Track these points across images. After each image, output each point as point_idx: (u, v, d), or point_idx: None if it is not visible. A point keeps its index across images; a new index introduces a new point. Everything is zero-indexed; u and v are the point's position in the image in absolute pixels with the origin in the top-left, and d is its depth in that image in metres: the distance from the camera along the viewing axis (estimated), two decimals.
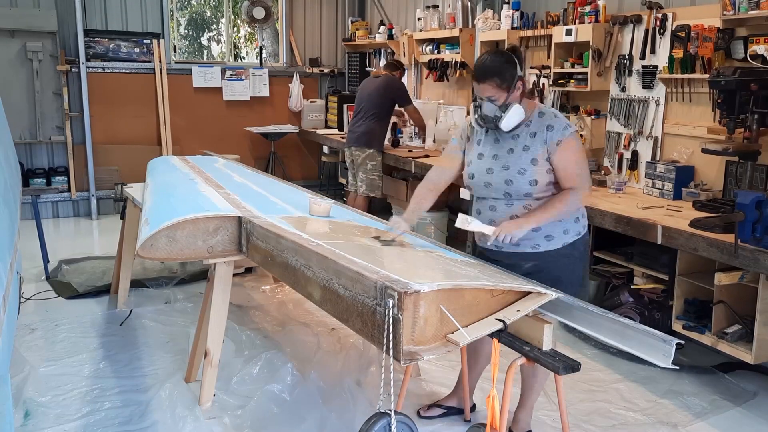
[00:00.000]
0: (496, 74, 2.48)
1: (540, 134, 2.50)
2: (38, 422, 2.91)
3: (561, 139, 2.48)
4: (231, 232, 2.87)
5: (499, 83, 2.48)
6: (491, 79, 2.48)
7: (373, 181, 5.72)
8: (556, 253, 2.56)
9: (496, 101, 2.49)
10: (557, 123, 2.51)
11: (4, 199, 2.75)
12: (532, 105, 2.58)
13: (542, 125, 2.51)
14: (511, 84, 2.48)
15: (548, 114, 2.55)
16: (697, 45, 3.65)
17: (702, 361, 3.57)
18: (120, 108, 7.05)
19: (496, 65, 2.50)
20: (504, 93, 2.48)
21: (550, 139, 2.49)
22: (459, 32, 5.64)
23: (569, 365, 2.01)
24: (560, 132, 2.49)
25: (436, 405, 3.06)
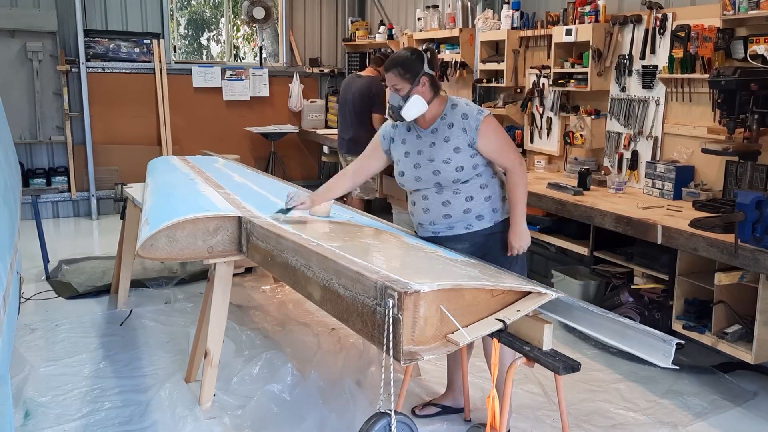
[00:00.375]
0: (399, 65, 2.67)
1: (457, 124, 2.67)
2: (38, 422, 2.91)
3: (477, 123, 2.64)
4: (231, 232, 2.87)
5: (401, 73, 2.65)
6: (394, 69, 2.67)
7: (367, 184, 5.70)
8: (489, 231, 2.74)
9: (400, 92, 2.66)
10: (470, 110, 2.68)
11: (4, 199, 2.75)
12: (444, 99, 2.74)
13: (457, 115, 2.68)
14: (415, 77, 2.65)
15: (460, 104, 2.72)
16: (697, 45, 3.65)
17: (702, 361, 3.57)
18: (120, 108, 7.05)
19: (402, 58, 2.70)
20: (407, 84, 2.65)
21: (468, 126, 2.65)
22: (459, 32, 5.64)
23: (569, 365, 2.01)
24: (475, 117, 2.65)
25: (432, 404, 3.07)
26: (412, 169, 2.75)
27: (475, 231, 2.72)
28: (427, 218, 2.77)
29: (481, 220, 2.72)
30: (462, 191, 2.69)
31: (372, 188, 5.75)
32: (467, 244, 2.73)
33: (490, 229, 2.73)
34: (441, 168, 2.66)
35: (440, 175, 2.67)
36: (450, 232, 2.74)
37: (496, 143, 2.68)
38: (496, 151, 2.68)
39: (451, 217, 2.71)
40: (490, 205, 2.73)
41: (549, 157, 4.96)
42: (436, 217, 2.74)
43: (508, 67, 5.12)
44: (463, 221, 2.71)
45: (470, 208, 2.70)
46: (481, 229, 2.73)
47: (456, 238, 2.74)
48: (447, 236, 2.75)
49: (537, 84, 4.89)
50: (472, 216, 2.71)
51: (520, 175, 2.70)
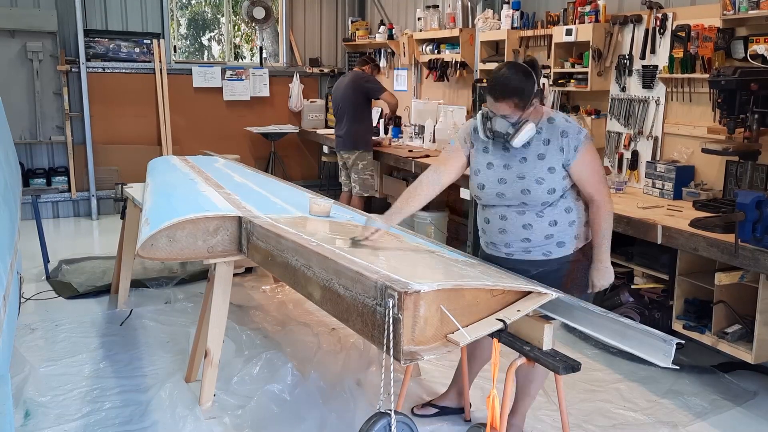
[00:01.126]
0: (516, 94, 2.37)
1: (555, 141, 2.43)
2: (38, 422, 2.91)
3: (578, 144, 2.42)
4: (231, 232, 2.87)
5: (517, 103, 2.38)
6: (510, 99, 2.38)
7: (365, 181, 5.73)
8: (566, 260, 2.53)
9: (508, 118, 2.41)
10: (571, 128, 2.44)
11: (4, 199, 2.75)
12: (540, 111, 2.49)
13: (555, 131, 2.43)
14: (528, 102, 2.39)
15: (559, 120, 2.47)
16: (698, 45, 3.65)
17: (702, 361, 3.57)
18: (120, 108, 7.06)
19: (517, 84, 2.38)
20: (519, 112, 2.40)
21: (566, 145, 2.42)
22: (459, 32, 5.64)
23: (569, 365, 2.01)
24: (575, 137, 2.42)
25: (431, 404, 3.06)
26: (495, 184, 2.50)
27: (555, 258, 2.52)
28: (503, 239, 2.55)
29: (561, 247, 2.51)
30: (546, 215, 2.47)
31: (371, 185, 5.76)
32: (542, 271, 2.52)
33: (569, 256, 2.53)
34: (532, 188, 2.43)
35: (529, 195, 2.44)
36: (526, 257, 2.53)
37: (591, 169, 2.46)
38: (588, 177, 2.46)
39: (530, 241, 2.50)
40: (572, 231, 2.51)
41: None
42: (514, 239, 2.52)
43: None
44: (543, 247, 2.50)
45: (552, 234, 2.48)
46: (561, 257, 2.52)
47: (532, 263, 2.53)
48: (522, 260, 2.54)
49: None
50: (553, 242, 2.50)
51: (609, 210, 2.49)
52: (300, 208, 3.15)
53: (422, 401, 3.12)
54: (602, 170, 2.53)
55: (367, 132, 5.75)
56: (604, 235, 2.49)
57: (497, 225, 2.55)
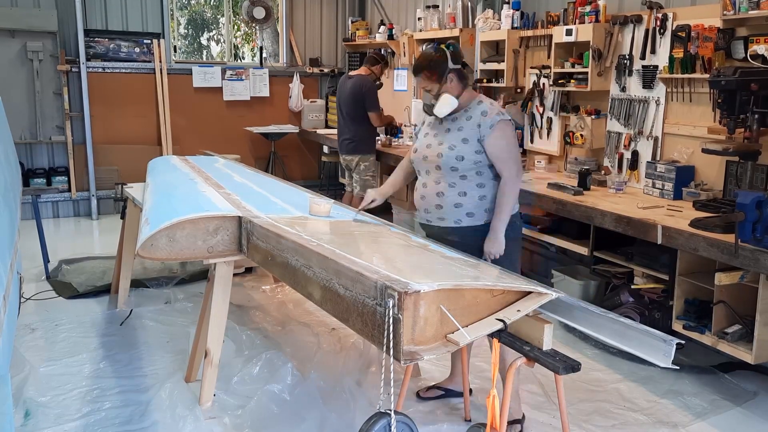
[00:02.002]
0: (426, 67, 2.79)
1: (475, 118, 2.79)
2: (38, 422, 2.91)
3: (493, 123, 2.74)
4: (231, 232, 2.87)
5: (428, 75, 2.78)
6: (421, 72, 2.80)
7: (366, 182, 5.74)
8: (479, 229, 2.81)
9: (430, 91, 2.80)
10: (491, 109, 2.79)
11: (4, 199, 2.75)
12: (474, 95, 2.87)
13: (478, 111, 2.80)
14: (442, 76, 2.77)
15: (485, 103, 2.83)
16: (698, 45, 3.64)
17: (702, 361, 3.57)
18: (120, 108, 7.06)
19: (427, 59, 2.82)
20: (436, 84, 2.78)
21: (483, 123, 2.75)
22: (459, 32, 5.64)
23: (569, 365, 2.01)
24: (493, 117, 2.76)
25: (436, 387, 3.16)
26: (423, 148, 2.89)
27: (464, 226, 2.82)
28: (422, 204, 2.91)
29: (471, 217, 2.81)
30: (457, 185, 2.79)
31: (372, 186, 5.75)
32: (456, 238, 2.82)
33: (481, 227, 2.81)
34: (444, 152, 2.78)
35: (441, 158, 2.78)
36: (440, 223, 2.86)
37: (502, 148, 2.77)
38: (499, 155, 2.76)
39: (442, 208, 2.83)
40: (483, 205, 2.82)
41: (549, 157, 4.96)
42: (429, 204, 2.87)
43: (508, 67, 5.12)
44: (453, 215, 2.82)
45: (461, 203, 2.80)
46: (470, 225, 2.82)
47: (445, 230, 2.85)
48: (438, 227, 2.87)
49: (537, 84, 4.89)
50: (463, 211, 2.81)
51: (513, 188, 2.78)
52: (300, 208, 3.15)
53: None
54: (515, 151, 2.83)
55: (369, 135, 5.75)
56: (502, 209, 2.77)
57: (420, 192, 2.92)
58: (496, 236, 2.78)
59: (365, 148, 5.69)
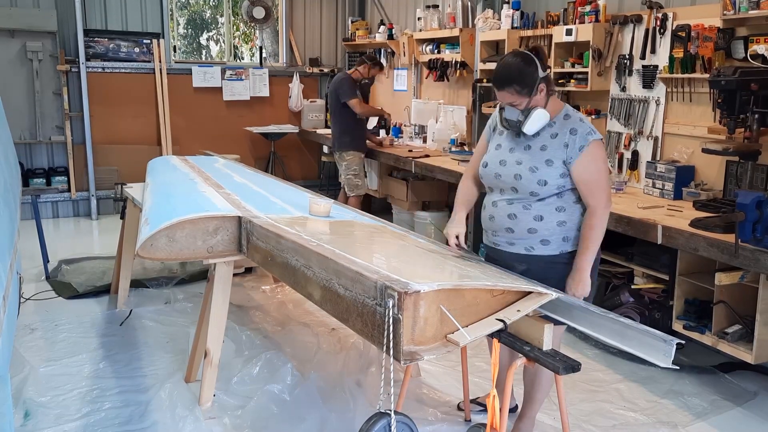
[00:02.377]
0: (515, 81, 2.40)
1: (561, 136, 2.43)
2: (38, 422, 2.91)
3: (584, 144, 2.40)
4: (231, 232, 2.87)
5: (518, 90, 2.40)
6: (509, 87, 2.41)
7: (350, 180, 5.79)
8: (551, 260, 2.48)
9: (517, 106, 2.43)
10: (581, 127, 2.43)
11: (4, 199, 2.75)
12: (560, 106, 2.51)
13: (565, 128, 2.44)
14: (532, 88, 2.40)
15: (574, 117, 2.47)
16: (698, 45, 3.64)
17: (702, 361, 3.57)
18: (120, 108, 7.05)
19: (514, 71, 2.41)
20: (525, 98, 2.41)
21: (572, 143, 2.41)
22: (459, 32, 5.64)
23: (569, 365, 2.00)
24: (583, 137, 2.41)
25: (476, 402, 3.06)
26: (496, 165, 2.53)
27: (537, 255, 2.48)
28: (491, 226, 2.58)
29: (546, 245, 2.47)
30: (533, 208, 2.45)
31: (356, 185, 5.80)
32: (525, 267, 2.48)
33: (554, 257, 2.48)
34: (524, 174, 2.44)
35: (520, 180, 2.44)
36: (509, 249, 2.53)
37: (593, 173, 2.41)
38: (589, 181, 2.41)
39: (513, 232, 2.49)
40: (561, 233, 2.47)
41: None
42: (499, 227, 2.54)
43: None
44: (526, 241, 2.48)
45: (536, 229, 2.46)
46: (544, 255, 2.48)
47: (514, 257, 2.52)
48: (507, 252, 2.54)
49: None
50: (537, 238, 2.46)
51: (602, 220, 2.42)
52: (300, 208, 3.15)
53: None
54: (605, 177, 2.46)
55: (348, 133, 5.78)
56: (588, 242, 2.42)
57: (488, 211, 2.59)
58: (581, 276, 2.42)
59: (345, 144, 5.77)
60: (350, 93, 5.64)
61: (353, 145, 5.77)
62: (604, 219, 2.43)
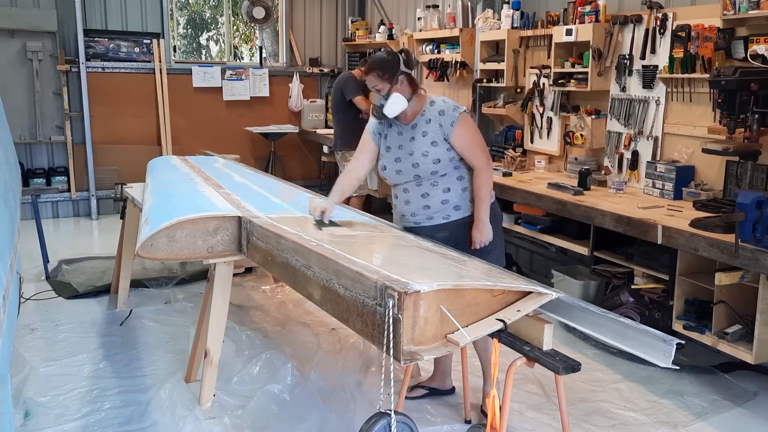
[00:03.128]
0: (378, 67, 2.80)
1: (434, 120, 2.82)
2: (38, 422, 2.91)
3: (453, 120, 2.78)
4: (231, 232, 2.87)
5: (380, 75, 2.79)
6: (373, 72, 2.81)
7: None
8: (466, 221, 2.87)
9: (381, 91, 2.81)
10: (447, 107, 2.82)
11: (4, 199, 2.75)
12: (424, 97, 2.89)
13: (434, 111, 2.83)
14: (393, 77, 2.78)
15: (438, 101, 2.86)
16: (698, 45, 3.64)
17: (702, 361, 3.57)
18: (120, 108, 7.05)
19: (378, 60, 2.84)
20: (386, 84, 2.79)
21: (444, 122, 2.79)
22: (459, 32, 5.64)
23: (569, 365, 2.00)
24: (451, 114, 2.79)
25: (419, 386, 3.19)
26: (393, 163, 2.90)
27: (453, 220, 2.87)
28: (408, 209, 2.92)
29: (458, 210, 2.87)
30: (440, 183, 2.84)
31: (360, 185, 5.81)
32: (446, 233, 2.87)
33: (468, 218, 2.88)
34: (420, 161, 2.81)
35: (419, 167, 2.82)
36: (429, 222, 2.89)
37: (468, 141, 2.82)
38: (467, 148, 2.82)
39: (430, 207, 2.86)
40: (467, 196, 2.88)
41: (549, 157, 4.96)
42: (417, 208, 2.89)
43: (508, 66, 5.12)
44: (442, 211, 2.86)
45: (448, 199, 2.85)
46: (459, 218, 2.88)
47: (435, 228, 2.89)
48: (427, 226, 2.90)
49: (537, 84, 4.89)
50: (450, 206, 2.86)
51: (487, 176, 2.84)
52: (300, 208, 3.15)
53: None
54: (480, 140, 2.88)
55: (351, 132, 5.77)
56: (482, 197, 2.83)
57: (402, 198, 2.94)
58: (483, 224, 2.84)
59: (347, 143, 5.78)
60: (355, 90, 5.66)
61: (355, 144, 5.75)
62: (489, 175, 2.86)
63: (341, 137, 5.83)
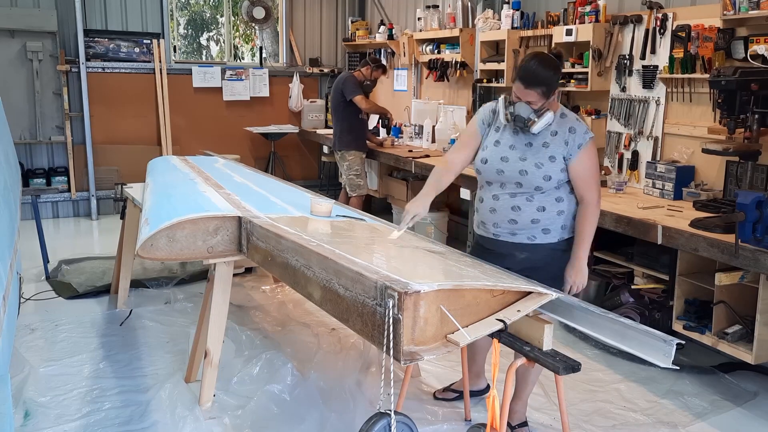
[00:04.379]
0: (544, 84, 2.53)
1: (561, 134, 2.58)
2: (38, 422, 2.91)
3: (582, 143, 2.57)
4: (231, 232, 2.87)
5: (544, 92, 2.54)
6: (537, 88, 2.53)
7: (351, 180, 5.80)
8: (552, 248, 2.64)
9: (532, 104, 2.55)
10: (579, 127, 2.60)
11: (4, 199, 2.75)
12: (556, 106, 2.65)
13: (564, 126, 2.59)
14: (553, 93, 2.56)
15: (570, 117, 2.64)
16: (698, 45, 3.65)
17: (702, 362, 3.57)
18: (120, 108, 7.05)
19: (547, 75, 2.54)
20: (543, 100, 2.55)
21: (571, 141, 2.57)
22: (459, 32, 5.64)
23: (569, 365, 2.00)
24: (582, 136, 2.58)
25: (451, 389, 3.16)
26: (498, 161, 2.63)
27: (539, 243, 2.63)
28: (492, 218, 2.68)
29: (546, 234, 2.62)
30: (535, 200, 2.59)
31: (358, 185, 5.80)
32: (525, 255, 2.63)
33: (554, 244, 2.64)
34: (529, 170, 2.57)
35: (526, 176, 2.57)
36: (511, 239, 2.65)
37: (587, 170, 2.59)
38: (584, 177, 2.59)
39: (516, 223, 2.62)
40: (560, 221, 2.63)
41: None
42: (501, 219, 2.64)
43: (508, 67, 5.12)
44: (528, 230, 2.62)
45: (539, 219, 2.60)
46: (545, 243, 2.63)
47: (515, 246, 2.65)
48: (507, 242, 2.66)
49: None
50: (539, 228, 2.61)
51: (595, 213, 2.61)
52: (300, 208, 3.15)
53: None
54: (598, 174, 2.66)
55: (350, 132, 5.80)
56: (586, 234, 2.61)
57: (489, 204, 2.69)
58: (581, 266, 2.62)
59: (346, 144, 5.79)
60: (355, 90, 5.65)
61: (355, 144, 5.78)
62: (597, 212, 2.64)
63: (340, 137, 5.82)
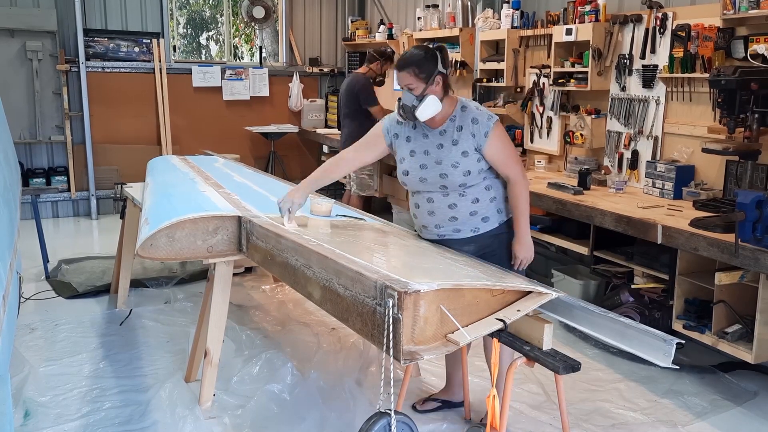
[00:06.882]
0: (414, 64, 2.59)
1: (466, 128, 2.63)
2: (38, 422, 2.91)
3: (487, 129, 2.61)
4: (231, 232, 2.87)
5: (416, 73, 2.58)
6: (409, 68, 2.60)
7: (362, 180, 5.76)
8: (495, 233, 2.73)
9: (413, 91, 2.60)
10: (480, 116, 2.64)
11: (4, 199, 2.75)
12: (454, 100, 2.70)
13: (467, 118, 2.64)
14: (429, 77, 2.59)
15: (470, 108, 2.67)
16: (698, 44, 3.64)
17: (702, 361, 3.57)
18: (120, 108, 7.05)
19: (416, 57, 2.62)
20: (422, 84, 2.59)
21: (477, 131, 2.61)
22: (459, 32, 5.64)
23: (569, 365, 2.00)
24: (485, 124, 2.62)
25: (431, 399, 3.09)
26: (417, 170, 2.69)
27: (482, 233, 2.71)
28: (433, 221, 2.73)
29: (486, 222, 2.71)
30: (468, 194, 2.66)
31: (368, 185, 5.78)
32: (473, 246, 2.70)
33: (495, 230, 2.72)
34: (448, 172, 2.62)
35: (447, 178, 2.63)
36: (456, 235, 2.71)
37: (502, 152, 2.65)
38: (501, 160, 2.66)
39: (457, 219, 2.68)
40: (495, 206, 2.71)
41: (549, 157, 4.96)
42: (442, 220, 2.70)
43: (508, 66, 5.12)
44: (470, 224, 2.69)
45: (476, 210, 2.68)
46: (488, 231, 2.71)
47: (462, 242, 2.71)
48: (454, 239, 2.72)
49: (537, 83, 4.89)
50: (478, 218, 2.69)
51: (524, 187, 2.68)
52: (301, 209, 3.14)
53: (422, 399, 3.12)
54: (514, 151, 2.73)
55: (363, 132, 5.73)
56: (521, 210, 2.68)
57: (426, 208, 2.74)
58: (525, 240, 2.69)
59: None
60: (373, 99, 5.51)
61: None
62: (526, 186, 2.70)
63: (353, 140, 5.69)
